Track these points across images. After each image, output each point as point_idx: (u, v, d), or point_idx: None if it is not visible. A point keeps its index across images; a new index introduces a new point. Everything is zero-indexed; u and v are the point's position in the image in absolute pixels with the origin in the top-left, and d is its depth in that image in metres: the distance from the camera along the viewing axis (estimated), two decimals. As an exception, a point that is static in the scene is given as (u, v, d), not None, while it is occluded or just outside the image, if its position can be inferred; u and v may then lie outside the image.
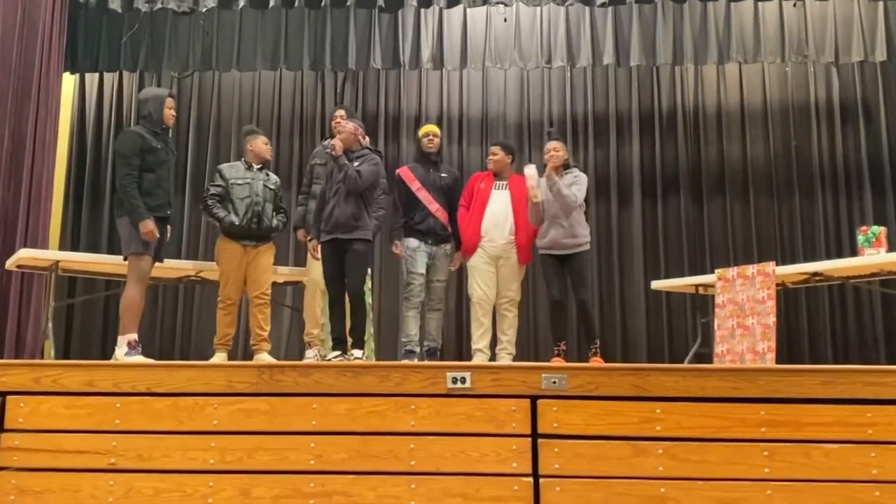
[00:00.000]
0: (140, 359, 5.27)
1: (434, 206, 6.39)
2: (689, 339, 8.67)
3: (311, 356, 6.36)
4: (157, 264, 5.79)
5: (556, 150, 6.32)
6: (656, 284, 7.84)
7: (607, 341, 8.76)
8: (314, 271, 6.46)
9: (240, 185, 6.30)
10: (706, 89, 9.40)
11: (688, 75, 9.41)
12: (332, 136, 6.59)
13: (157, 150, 5.63)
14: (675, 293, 8.68)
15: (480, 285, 6.42)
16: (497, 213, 6.47)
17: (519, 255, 6.47)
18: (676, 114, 9.32)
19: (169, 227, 5.90)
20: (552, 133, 6.69)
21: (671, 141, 9.29)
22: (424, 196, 6.40)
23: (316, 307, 6.51)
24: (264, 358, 6.21)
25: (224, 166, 6.49)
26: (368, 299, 6.97)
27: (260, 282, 6.27)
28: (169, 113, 5.80)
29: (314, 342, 6.44)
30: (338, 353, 5.78)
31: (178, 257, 8.91)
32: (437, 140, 6.53)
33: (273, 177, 6.53)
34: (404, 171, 6.55)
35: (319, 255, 6.03)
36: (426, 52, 8.83)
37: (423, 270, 6.27)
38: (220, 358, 6.17)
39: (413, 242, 6.33)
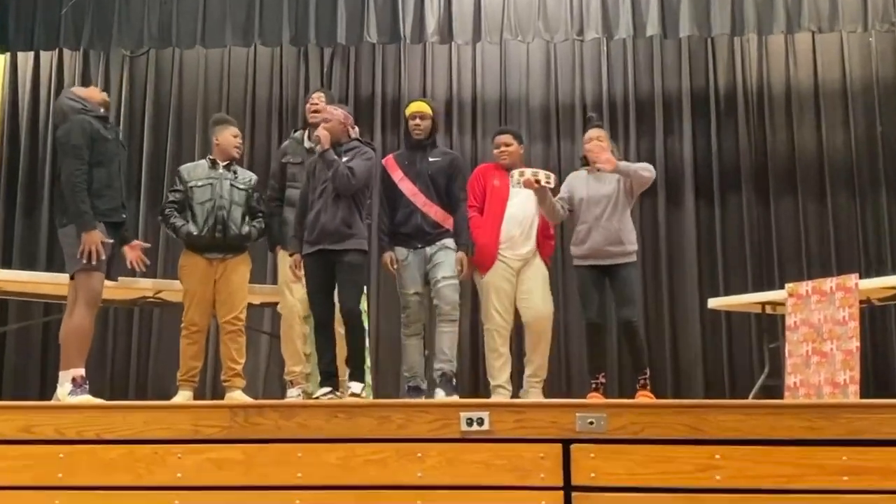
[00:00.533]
0: (87, 399, 5.27)
1: (420, 200, 6.26)
2: (754, 368, 8.67)
3: (294, 395, 6.34)
4: (108, 283, 5.80)
5: (599, 138, 6.34)
6: (714, 303, 7.83)
7: (655, 372, 8.74)
8: (292, 295, 6.43)
9: (200, 187, 6.32)
10: (772, 65, 9.43)
11: (750, 48, 9.42)
12: (307, 127, 6.59)
13: (107, 140, 5.63)
14: (736, 313, 8.67)
15: (499, 309, 6.36)
16: (519, 215, 6.46)
17: (541, 251, 6.47)
18: (736, 95, 9.34)
19: (126, 235, 5.91)
20: (593, 119, 6.70)
21: (730, 128, 9.31)
22: (408, 188, 6.29)
23: (296, 338, 6.44)
24: (238, 396, 6.21)
25: (185, 167, 6.52)
26: (365, 323, 6.96)
27: (231, 303, 6.27)
28: (96, 92, 5.82)
29: (297, 380, 6.41)
30: (327, 389, 5.66)
31: (133, 275, 8.92)
32: (426, 123, 6.37)
33: (244, 174, 6.53)
34: (389, 161, 6.46)
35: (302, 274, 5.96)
36: (431, 23, 8.87)
37: (416, 289, 6.19)
38: (184, 397, 6.18)
39: (400, 253, 6.25)
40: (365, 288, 6.20)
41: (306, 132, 6.59)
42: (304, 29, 8.94)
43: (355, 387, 5.68)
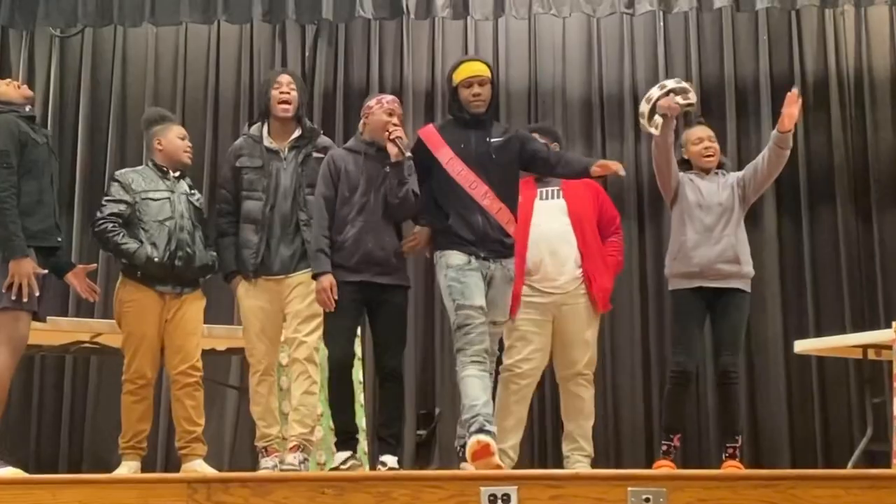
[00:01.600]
0: (9, 471, 5.27)
1: (481, 191, 5.83)
2: (854, 428, 8.63)
3: (269, 467, 6.31)
4: (34, 325, 5.80)
5: (712, 139, 6.45)
6: (802, 346, 7.82)
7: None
8: (261, 339, 6.23)
9: (157, 201, 6.22)
10: (874, 44, 9.45)
11: (845, 23, 9.45)
12: (262, 118, 6.39)
13: (38, 145, 5.64)
14: (831, 359, 8.65)
15: (525, 355, 6.30)
16: (551, 234, 6.41)
17: (595, 297, 6.37)
18: (828, 82, 9.35)
19: (62, 261, 5.92)
20: (694, 116, 6.70)
21: (821, 122, 9.33)
22: (463, 174, 5.86)
23: (269, 394, 6.26)
24: (198, 467, 6.15)
25: (128, 173, 6.39)
26: (358, 375, 6.97)
27: (187, 350, 6.19)
28: (14, 88, 5.80)
29: (272, 447, 6.37)
30: (347, 454, 5.74)
31: (65, 313, 8.96)
32: (486, 91, 5.95)
33: (191, 184, 6.50)
34: (429, 134, 6.06)
35: (333, 302, 5.82)
36: (442, -7, 8.90)
37: (481, 302, 5.70)
38: (129, 468, 6.11)
39: (458, 257, 5.80)
40: (359, 329, 6.20)
41: (265, 126, 6.38)
42: (280, 2, 8.93)
43: (388, 459, 5.70)
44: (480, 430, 5.38)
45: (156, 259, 6.07)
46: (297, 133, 6.28)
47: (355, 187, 5.86)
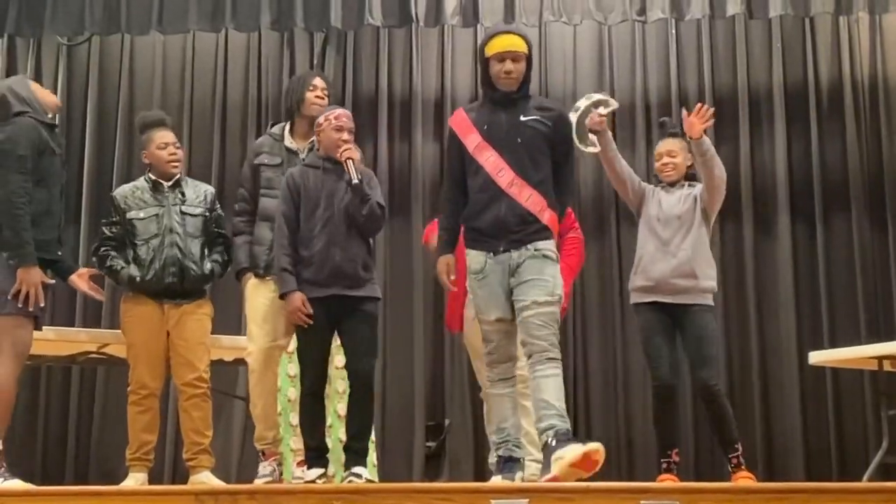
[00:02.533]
0: (15, 483, 5.28)
1: (507, 178, 5.47)
2: (869, 440, 8.62)
3: (267, 472, 6.27)
4: (39, 334, 5.82)
5: (671, 154, 6.38)
6: (816, 357, 7.79)
7: (743, 447, 8.70)
8: (265, 336, 6.23)
9: (142, 219, 6.21)
10: (889, 52, 9.44)
11: (859, 31, 9.44)
12: (290, 121, 6.41)
13: (54, 154, 5.69)
14: (846, 370, 8.63)
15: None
16: None
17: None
18: (843, 90, 9.34)
19: (63, 265, 5.93)
20: (668, 125, 6.68)
21: (835, 132, 9.33)
22: (490, 160, 5.54)
23: (268, 394, 6.26)
24: (205, 479, 6.15)
25: (120, 192, 6.39)
26: (338, 386, 6.99)
27: (191, 360, 6.18)
28: (45, 94, 5.83)
29: (270, 450, 6.37)
30: (319, 471, 5.75)
31: (72, 323, 8.97)
32: (519, 67, 5.57)
33: (196, 190, 6.42)
34: (459, 120, 5.73)
35: (309, 318, 5.82)
36: (452, 2, 8.90)
37: (499, 314, 5.43)
38: (136, 480, 6.12)
39: (475, 260, 5.53)
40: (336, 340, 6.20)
41: (287, 127, 6.42)
42: (288, 9, 8.97)
43: (362, 471, 5.69)
44: (510, 459, 5.33)
45: (138, 279, 6.11)
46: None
47: (317, 203, 5.87)
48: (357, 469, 5.69)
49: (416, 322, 9.08)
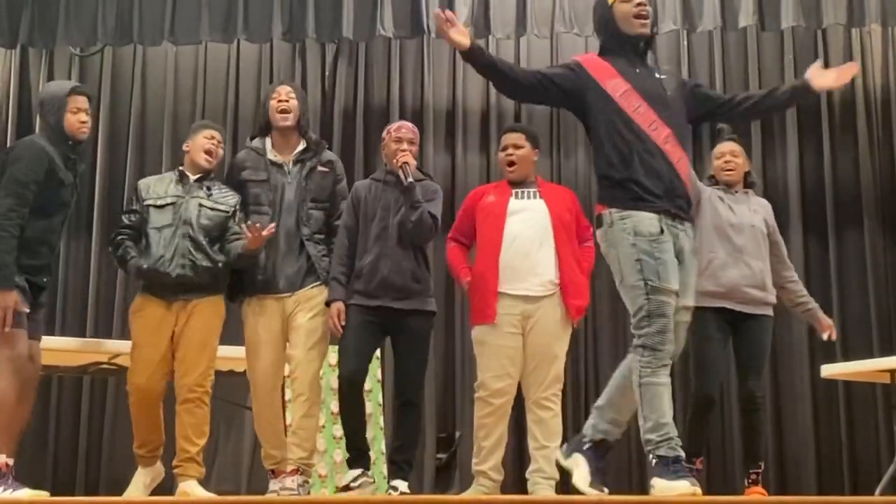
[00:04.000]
0: (25, 494, 5.27)
1: (663, 134, 4.93)
2: (882, 454, 8.62)
3: (275, 490, 6.15)
4: (52, 345, 5.81)
5: (734, 154, 6.45)
6: (829, 370, 7.80)
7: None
8: (262, 359, 6.13)
9: (159, 207, 6.08)
10: (902, 63, 9.45)
11: (871, 43, 9.45)
12: (263, 132, 6.34)
13: (63, 184, 5.63)
14: (858, 384, 8.63)
15: (498, 372, 5.99)
16: (525, 238, 6.11)
17: (568, 304, 6.05)
18: (855, 102, 9.36)
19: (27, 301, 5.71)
20: (725, 132, 6.66)
21: (848, 144, 9.35)
22: (641, 112, 4.96)
23: (273, 417, 6.20)
24: (188, 489, 5.96)
25: (145, 181, 6.32)
26: (378, 398, 7.00)
27: (190, 363, 6.00)
28: (74, 120, 5.71)
29: (280, 468, 6.16)
30: (359, 471, 5.84)
31: (83, 334, 8.99)
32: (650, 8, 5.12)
33: (224, 192, 6.28)
34: (593, 61, 5.18)
35: (340, 329, 5.92)
36: (464, 13, 8.90)
37: (677, 286, 4.83)
38: (144, 478, 6.03)
39: (649, 222, 4.85)
40: (378, 352, 6.23)
41: (268, 140, 6.31)
42: (300, 21, 8.99)
43: (400, 484, 5.80)
44: (677, 460, 4.80)
45: (145, 268, 5.96)
46: (301, 146, 6.24)
47: (373, 215, 5.98)
48: (396, 482, 5.81)
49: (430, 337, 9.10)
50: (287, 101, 6.21)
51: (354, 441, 5.90)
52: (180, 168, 6.28)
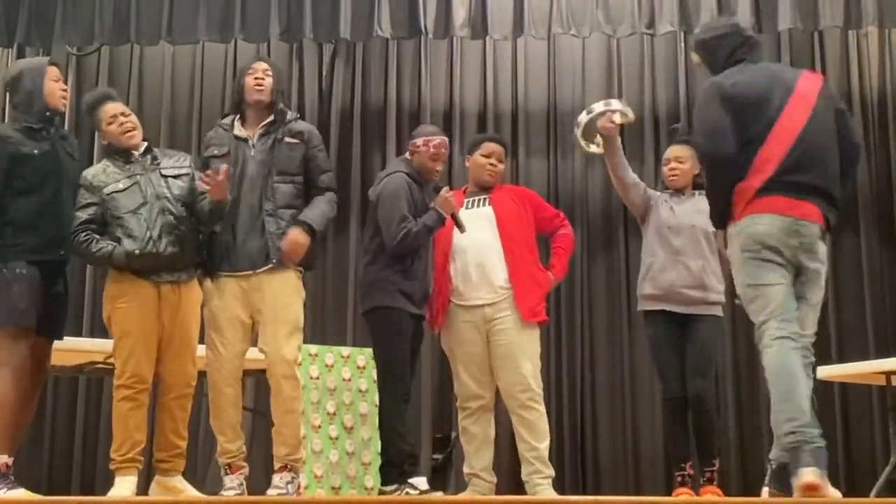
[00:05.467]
0: (21, 494, 5.28)
1: None
2: (877, 456, 8.63)
3: (233, 486, 5.97)
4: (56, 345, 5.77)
5: (679, 160, 6.45)
6: (824, 372, 7.80)
7: (750, 463, 8.72)
8: (223, 348, 5.91)
9: (122, 190, 5.80)
10: (899, 65, 9.45)
11: (868, 45, 9.48)
12: (236, 109, 6.15)
13: (32, 157, 5.56)
14: (854, 385, 8.64)
15: (468, 378, 6.25)
16: (474, 248, 6.22)
17: (520, 307, 6.14)
18: (852, 103, 9.34)
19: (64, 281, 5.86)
20: (679, 132, 6.71)
21: (844, 146, 9.32)
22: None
23: (229, 406, 5.95)
24: (178, 484, 5.87)
25: (87, 172, 5.96)
26: (375, 399, 7.04)
27: (187, 356, 5.90)
28: (55, 88, 5.70)
29: (237, 463, 6.00)
30: (423, 478, 6.06)
31: (79, 333, 8.97)
32: None
33: (172, 156, 6.11)
34: None
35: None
36: (461, 14, 8.90)
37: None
38: (126, 485, 5.70)
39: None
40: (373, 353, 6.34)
41: (237, 118, 6.11)
42: (297, 21, 8.99)
43: (419, 482, 5.94)
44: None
45: (137, 252, 5.66)
46: (269, 119, 6.01)
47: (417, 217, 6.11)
48: (414, 479, 5.94)
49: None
50: (263, 78, 6.01)
51: (414, 447, 6.25)
52: (112, 151, 5.98)
